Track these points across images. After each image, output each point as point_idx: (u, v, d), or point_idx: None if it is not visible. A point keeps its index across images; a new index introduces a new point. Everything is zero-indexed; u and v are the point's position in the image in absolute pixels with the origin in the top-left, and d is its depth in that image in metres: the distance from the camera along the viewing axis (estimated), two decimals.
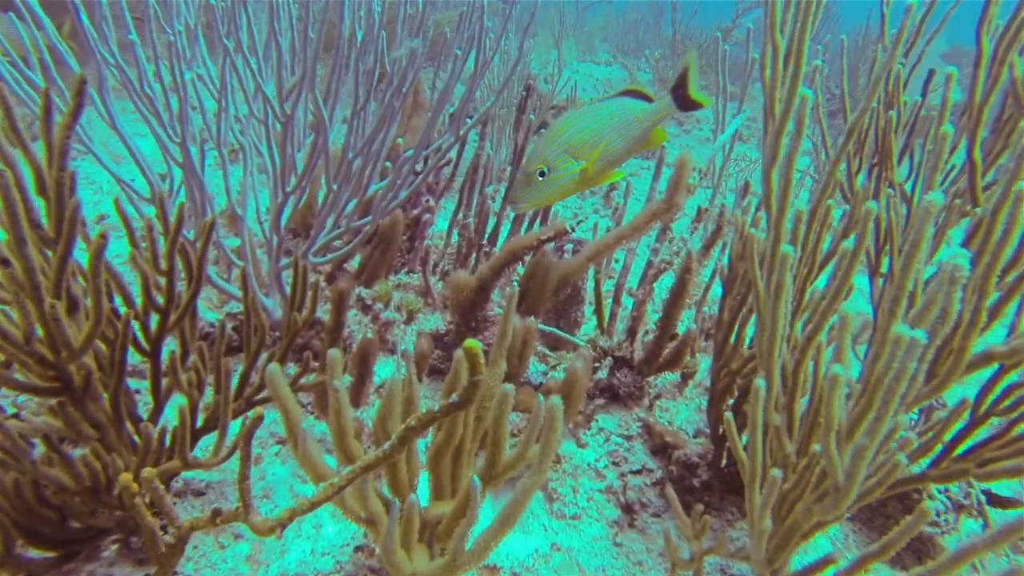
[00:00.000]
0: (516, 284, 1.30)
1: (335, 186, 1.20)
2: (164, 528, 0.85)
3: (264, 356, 1.07)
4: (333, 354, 0.73)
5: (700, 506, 0.87)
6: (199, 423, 0.99)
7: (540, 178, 1.02)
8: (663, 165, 1.42)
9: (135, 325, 0.90)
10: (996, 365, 0.66)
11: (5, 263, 0.64)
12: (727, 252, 1.21)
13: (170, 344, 0.95)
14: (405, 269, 1.52)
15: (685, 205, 1.20)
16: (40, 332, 0.69)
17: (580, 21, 5.41)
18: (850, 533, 1.12)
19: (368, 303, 1.33)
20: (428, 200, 1.46)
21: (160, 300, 0.89)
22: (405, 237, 1.50)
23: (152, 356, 0.92)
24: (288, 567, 0.95)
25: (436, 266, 1.57)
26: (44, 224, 0.72)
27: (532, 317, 1.07)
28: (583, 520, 1.09)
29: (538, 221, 1.53)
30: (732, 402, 1.07)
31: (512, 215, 1.55)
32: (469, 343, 0.58)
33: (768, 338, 0.57)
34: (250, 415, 0.76)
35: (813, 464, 0.59)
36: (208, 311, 1.39)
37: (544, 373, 1.30)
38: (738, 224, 1.02)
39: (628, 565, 1.02)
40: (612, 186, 2.58)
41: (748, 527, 1.02)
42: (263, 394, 1.04)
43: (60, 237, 0.65)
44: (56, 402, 0.76)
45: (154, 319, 0.90)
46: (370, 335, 1.12)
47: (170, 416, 0.97)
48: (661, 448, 1.17)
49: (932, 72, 1.23)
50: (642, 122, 1.06)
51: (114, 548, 0.91)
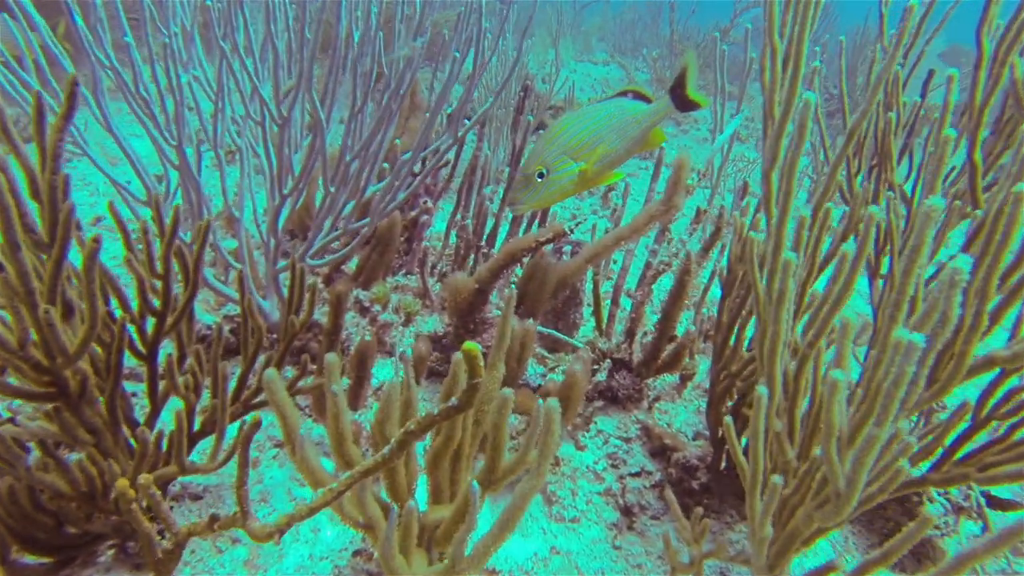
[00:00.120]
0: (514, 287, 1.29)
1: (332, 188, 1.19)
2: (161, 533, 0.85)
3: (262, 359, 1.06)
4: (331, 358, 0.72)
5: (700, 509, 0.86)
6: (196, 427, 0.98)
7: (539, 180, 1.01)
8: (662, 166, 1.41)
9: (131, 328, 0.89)
10: (998, 369, 0.66)
11: None
12: (726, 254, 1.21)
13: (167, 347, 0.95)
14: (403, 271, 1.52)
15: (684, 206, 1.20)
16: (35, 337, 0.69)
17: (577, 20, 5.40)
18: (850, 535, 1.12)
19: (366, 305, 1.32)
20: (426, 201, 1.45)
21: (156, 303, 0.89)
22: (403, 238, 1.49)
23: (148, 360, 0.92)
24: (286, 572, 0.94)
25: (434, 267, 1.56)
26: (39, 228, 0.71)
27: (531, 319, 1.06)
28: (582, 523, 1.08)
29: (536, 222, 1.52)
30: (731, 404, 1.07)
31: (510, 216, 1.55)
32: (468, 345, 0.57)
33: (770, 344, 0.57)
34: (248, 419, 0.75)
35: (814, 469, 0.59)
36: (205, 313, 1.38)
37: (543, 375, 1.29)
38: (737, 226, 1.02)
39: (627, 568, 1.02)
40: (610, 187, 2.57)
41: (748, 531, 1.02)
42: (261, 397, 1.03)
43: (54, 241, 0.65)
44: (52, 407, 0.75)
45: (150, 322, 0.90)
46: (368, 337, 1.11)
47: (167, 419, 0.97)
48: (660, 450, 1.17)
49: (932, 72, 1.23)
50: (641, 123, 1.06)
51: (110, 553, 0.90)
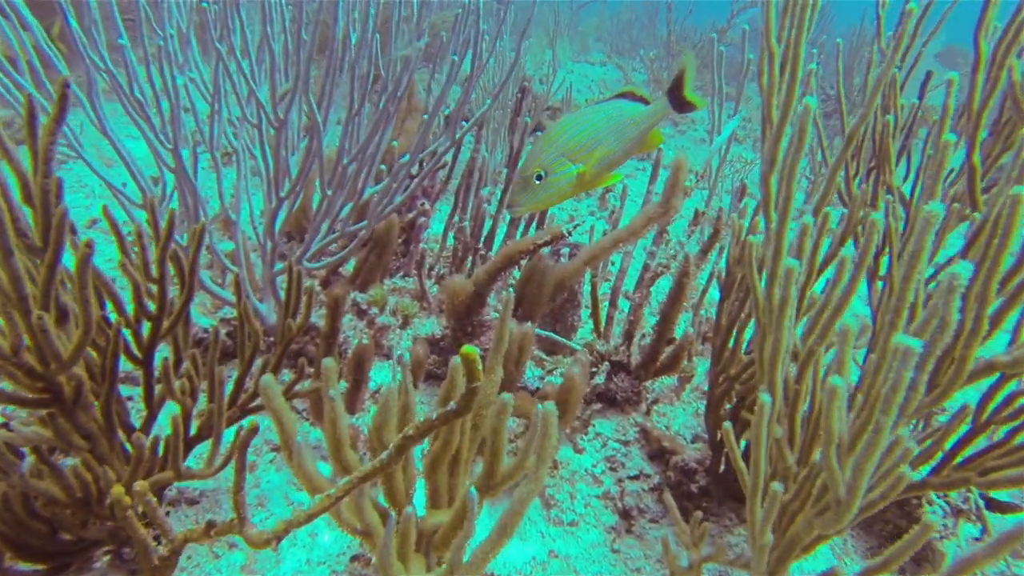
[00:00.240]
0: (511, 290, 1.29)
1: (329, 192, 1.18)
2: (157, 539, 0.84)
3: (259, 362, 1.06)
4: (327, 363, 0.72)
5: (699, 513, 0.86)
6: (193, 431, 0.97)
7: (537, 182, 1.01)
8: (659, 167, 1.41)
9: (127, 333, 0.88)
10: (998, 374, 0.66)
11: None
12: (724, 255, 1.21)
13: (163, 351, 0.94)
14: (400, 273, 1.51)
15: (682, 208, 1.19)
16: (29, 343, 0.68)
17: (574, 21, 5.40)
18: (849, 538, 1.12)
19: (363, 308, 1.32)
20: (423, 203, 1.45)
21: (152, 307, 0.88)
22: (400, 240, 1.49)
23: (144, 364, 0.91)
24: None
25: (431, 270, 1.56)
26: (32, 232, 0.70)
27: (529, 322, 1.06)
28: (581, 526, 1.08)
29: (534, 224, 1.52)
30: (730, 407, 1.06)
31: (508, 217, 1.55)
32: (466, 349, 0.57)
33: (771, 351, 0.56)
34: (244, 424, 0.75)
35: (813, 475, 0.59)
36: (202, 316, 1.38)
37: (541, 378, 1.29)
38: (735, 228, 1.02)
39: (626, 572, 1.02)
40: (607, 188, 2.57)
41: (747, 535, 1.01)
42: (258, 401, 1.03)
43: (47, 246, 0.64)
44: (46, 413, 0.75)
45: (146, 327, 0.89)
46: (365, 341, 1.11)
47: (164, 423, 0.96)
48: (659, 453, 1.17)
49: (929, 74, 1.23)
50: (639, 124, 1.06)
51: (106, 560, 0.90)
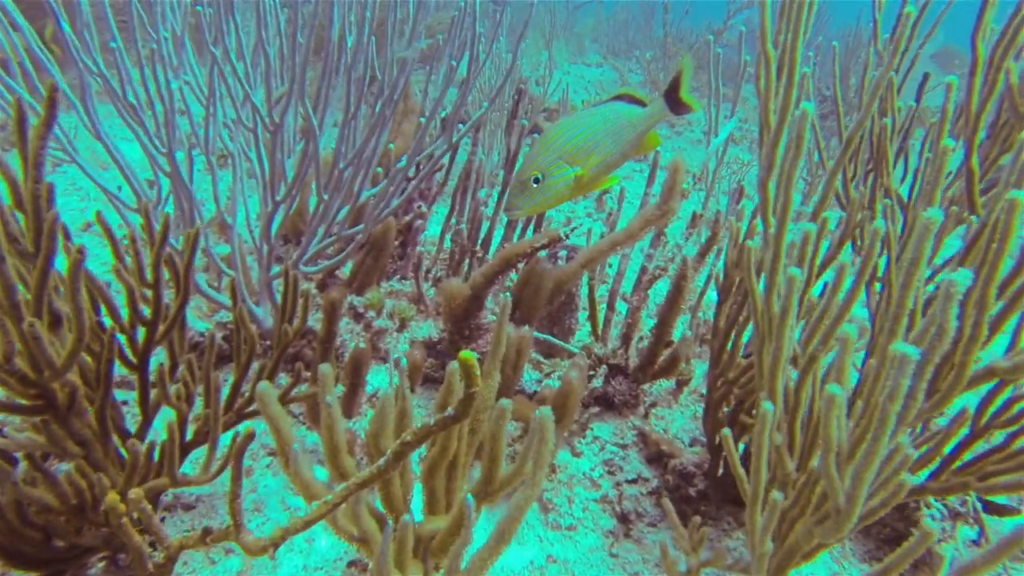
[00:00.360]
0: (508, 295, 1.28)
1: (326, 195, 1.18)
2: (153, 546, 0.84)
3: (255, 366, 1.05)
4: (324, 369, 0.71)
5: (697, 518, 0.86)
6: (189, 436, 0.97)
7: (535, 185, 1.01)
8: (657, 169, 1.41)
9: (122, 338, 0.88)
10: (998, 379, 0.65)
11: None
12: (722, 257, 1.20)
13: (159, 355, 0.93)
14: (397, 276, 1.51)
15: (679, 210, 1.19)
16: (21, 349, 0.67)
17: (570, 22, 5.40)
18: (848, 541, 1.12)
19: (360, 311, 1.31)
20: (420, 206, 1.44)
21: (147, 312, 0.87)
22: (397, 243, 1.48)
23: (139, 369, 0.90)
24: None
25: (428, 272, 1.55)
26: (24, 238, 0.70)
27: (526, 326, 1.06)
28: (579, 531, 1.08)
29: (532, 226, 1.51)
30: (728, 410, 1.06)
31: (505, 220, 1.54)
32: (464, 355, 0.56)
33: (772, 360, 0.56)
34: (240, 430, 0.74)
35: (812, 481, 0.58)
36: (198, 320, 1.37)
37: (539, 381, 1.29)
38: (733, 231, 1.01)
39: None
40: (605, 190, 2.56)
41: (745, 539, 1.01)
42: (254, 406, 1.02)
43: (39, 252, 0.63)
44: (40, 419, 0.74)
45: (141, 332, 0.88)
46: (362, 344, 1.10)
47: (159, 427, 0.95)
48: (657, 457, 1.16)
49: (927, 76, 1.23)
50: (636, 127, 1.06)
51: (101, 566, 0.89)
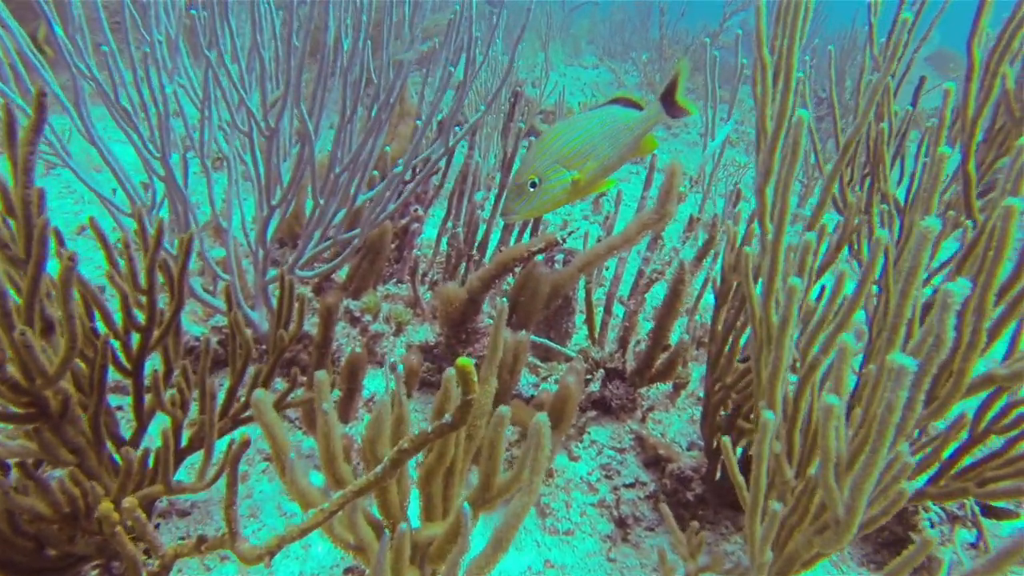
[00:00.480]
0: (505, 301, 1.28)
1: (322, 200, 1.17)
2: (147, 553, 0.83)
3: (251, 371, 1.04)
4: (320, 376, 0.71)
5: (695, 523, 0.85)
6: (184, 441, 0.96)
7: (531, 189, 1.00)
8: (654, 172, 1.41)
9: (116, 344, 0.87)
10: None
11: None
12: (719, 260, 1.20)
13: (155, 360, 0.93)
14: (394, 279, 1.50)
15: (676, 213, 1.19)
16: (12, 356, 0.67)
17: (566, 23, 5.41)
18: (846, 545, 1.11)
19: (356, 315, 1.31)
20: (416, 210, 1.44)
21: (141, 317, 0.87)
22: (393, 246, 1.48)
23: (134, 375, 0.90)
24: None
25: (425, 276, 1.55)
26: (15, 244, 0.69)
27: (523, 330, 1.05)
28: (576, 535, 1.07)
29: (528, 229, 1.51)
30: (726, 414, 1.06)
31: (502, 223, 1.54)
32: (462, 361, 0.56)
33: (771, 370, 0.56)
34: (236, 436, 0.73)
35: (809, 488, 0.58)
36: (193, 324, 1.36)
37: (536, 385, 1.28)
38: (730, 235, 1.01)
39: None
40: (601, 192, 2.56)
41: (743, 543, 1.01)
42: (250, 412, 1.01)
43: (30, 258, 0.63)
44: (32, 427, 0.73)
45: (135, 338, 0.87)
46: (359, 349, 1.10)
47: (154, 433, 0.94)
48: (654, 461, 1.16)
49: (923, 79, 1.23)
50: (632, 130, 1.06)
51: (94, 574, 0.88)
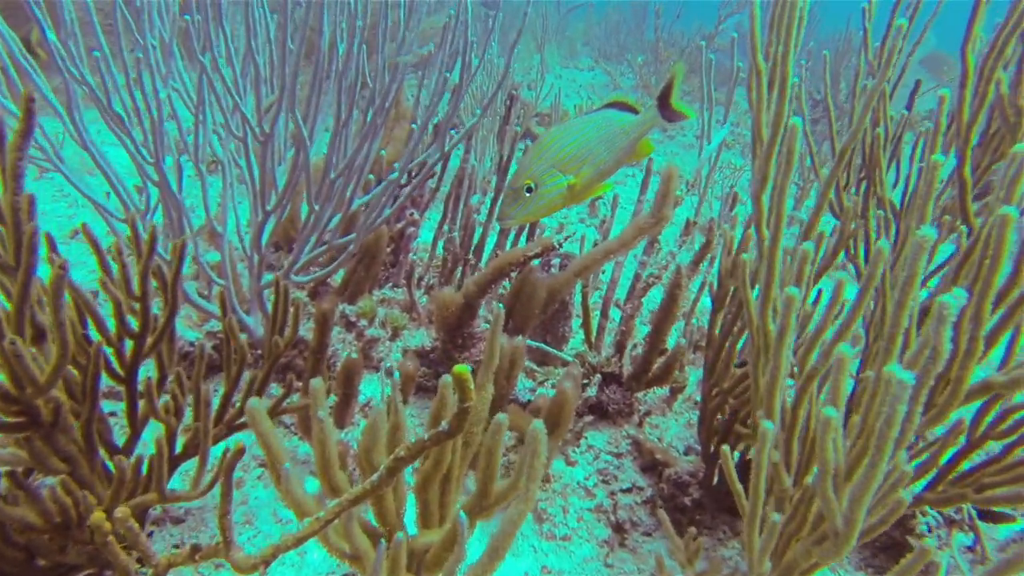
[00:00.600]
0: (501, 307, 1.28)
1: (317, 206, 1.17)
2: (140, 561, 0.82)
3: (246, 376, 1.04)
4: (315, 384, 0.70)
5: (693, 529, 0.85)
6: (179, 448, 0.95)
7: (527, 194, 1.00)
8: (651, 175, 1.40)
9: (109, 351, 0.86)
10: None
11: None
12: (716, 264, 1.20)
13: (149, 365, 0.92)
14: (389, 284, 1.49)
15: (672, 217, 1.19)
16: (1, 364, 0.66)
17: (562, 25, 5.41)
18: None
19: (352, 320, 1.30)
20: (412, 214, 1.44)
21: (134, 324, 0.86)
22: (389, 251, 1.47)
23: (127, 382, 0.89)
24: None
25: (421, 280, 1.54)
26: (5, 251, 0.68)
27: (520, 335, 1.05)
28: (573, 541, 1.07)
29: (525, 233, 1.51)
30: (722, 418, 1.06)
31: (498, 227, 1.54)
32: (458, 369, 0.56)
33: (769, 379, 0.56)
34: (230, 444, 0.73)
35: (807, 497, 0.58)
36: (188, 329, 1.35)
37: (532, 390, 1.28)
38: (727, 239, 1.01)
39: None
40: (597, 196, 2.56)
41: (740, 548, 1.01)
42: (245, 418, 1.01)
43: (19, 265, 0.62)
44: (23, 436, 0.72)
45: (128, 345, 0.87)
46: (354, 354, 1.09)
47: (148, 439, 0.94)
48: (651, 465, 1.16)
49: (918, 83, 1.23)
50: (628, 134, 1.06)
51: None
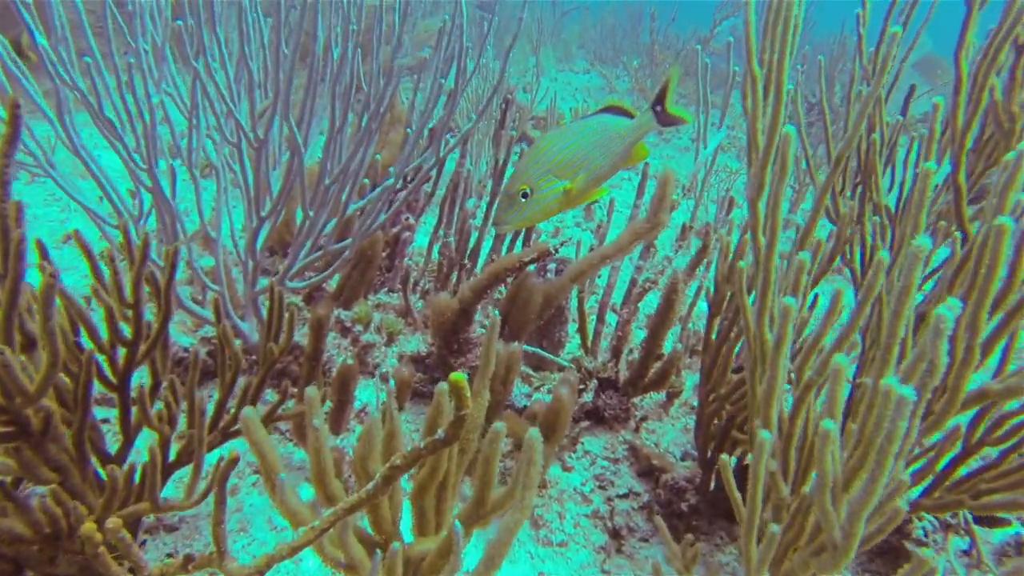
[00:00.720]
0: (497, 313, 1.27)
1: (311, 212, 1.16)
2: (132, 572, 0.81)
3: (241, 382, 1.03)
4: (310, 392, 0.70)
5: (690, 535, 0.85)
6: (172, 455, 0.94)
7: (523, 199, 1.00)
8: (647, 180, 1.40)
9: (101, 358, 0.86)
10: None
11: None
12: (712, 268, 1.20)
13: (142, 372, 0.91)
14: (385, 288, 1.49)
15: (669, 222, 1.19)
16: None
17: (558, 28, 5.43)
18: None
19: (347, 325, 1.29)
20: (408, 218, 1.43)
21: (127, 331, 0.85)
22: (384, 255, 1.47)
23: (120, 390, 0.88)
24: None
25: (416, 284, 1.54)
26: None
27: (515, 341, 1.05)
28: (570, 547, 1.07)
29: (521, 237, 1.51)
30: (719, 423, 1.05)
31: (493, 232, 1.53)
32: (455, 376, 0.55)
33: (766, 389, 0.55)
34: (224, 452, 0.72)
35: (804, 506, 0.58)
36: (182, 335, 1.35)
37: (528, 395, 1.27)
38: (723, 245, 1.01)
39: None
40: (593, 200, 2.56)
41: (739, 557, 1.01)
42: (240, 425, 1.00)
43: (7, 273, 0.61)
44: (12, 446, 0.72)
45: (121, 352, 0.86)
46: (350, 360, 1.09)
47: (141, 447, 0.93)
48: (648, 471, 1.16)
49: (913, 88, 1.24)
50: (624, 138, 1.05)
51: None
